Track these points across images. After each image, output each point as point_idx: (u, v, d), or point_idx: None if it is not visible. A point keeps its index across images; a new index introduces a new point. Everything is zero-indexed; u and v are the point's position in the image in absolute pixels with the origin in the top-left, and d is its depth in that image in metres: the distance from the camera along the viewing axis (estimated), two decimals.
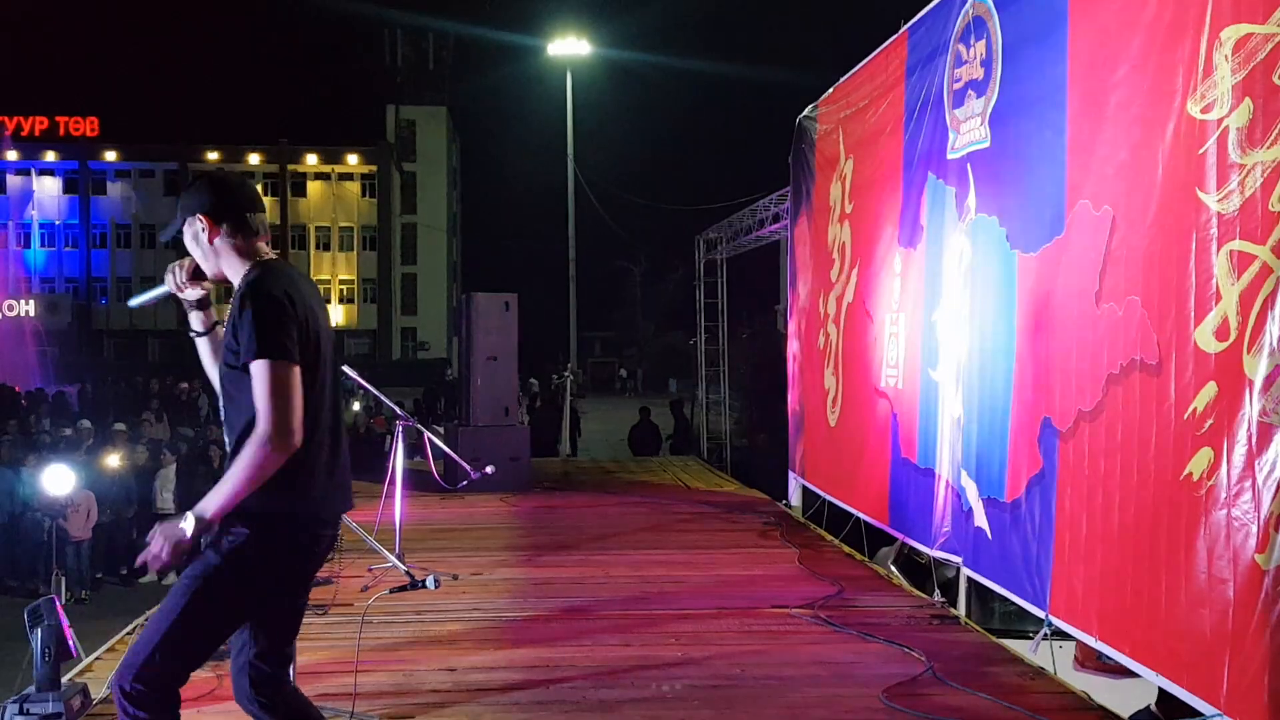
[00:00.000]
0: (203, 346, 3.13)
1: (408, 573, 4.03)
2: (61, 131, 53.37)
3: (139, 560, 2.76)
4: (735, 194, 14.71)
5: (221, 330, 3.02)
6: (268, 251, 2.99)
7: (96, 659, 4.85)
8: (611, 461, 14.88)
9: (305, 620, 5.03)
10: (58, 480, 8.92)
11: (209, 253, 2.96)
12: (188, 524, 2.70)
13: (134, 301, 3.41)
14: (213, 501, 2.75)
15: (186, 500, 11.71)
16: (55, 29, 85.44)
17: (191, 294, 3.05)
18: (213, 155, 56.76)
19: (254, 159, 57.28)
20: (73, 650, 4.01)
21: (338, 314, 59.00)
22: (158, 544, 2.70)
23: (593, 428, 27.33)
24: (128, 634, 5.16)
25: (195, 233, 2.95)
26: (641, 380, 54.31)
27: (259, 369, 2.74)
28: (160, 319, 55.05)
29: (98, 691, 4.26)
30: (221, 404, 2.93)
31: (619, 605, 5.96)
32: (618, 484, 11.42)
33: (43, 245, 55.40)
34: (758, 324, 23.64)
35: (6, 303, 47.82)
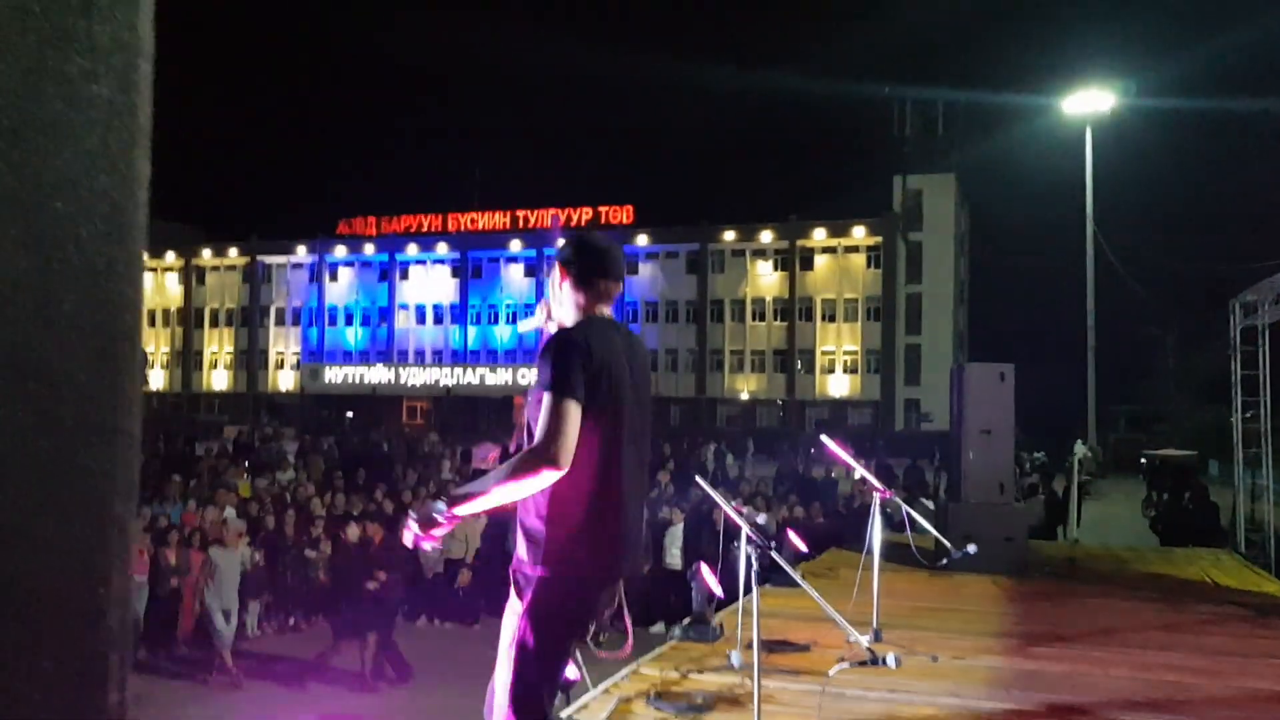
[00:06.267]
0: None
1: (868, 648, 3.94)
2: (603, 220, 60.48)
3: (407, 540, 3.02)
4: None
5: None
6: (603, 313, 3.29)
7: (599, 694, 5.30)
8: (1125, 549, 13.50)
9: (773, 687, 5.14)
10: None
11: (555, 297, 3.33)
12: (438, 507, 2.95)
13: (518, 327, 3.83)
14: (461, 490, 3.02)
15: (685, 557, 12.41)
16: (599, 131, 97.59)
17: (550, 326, 3.39)
18: (729, 235, 60.99)
19: (766, 236, 60.58)
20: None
21: (842, 384, 60.07)
22: (411, 522, 2.98)
23: (1112, 510, 25.06)
24: (621, 679, 5.56)
25: (554, 277, 3.33)
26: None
27: (546, 399, 2.99)
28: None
29: None
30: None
31: (1117, 708, 5.34)
32: (1130, 575, 10.31)
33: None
34: None
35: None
